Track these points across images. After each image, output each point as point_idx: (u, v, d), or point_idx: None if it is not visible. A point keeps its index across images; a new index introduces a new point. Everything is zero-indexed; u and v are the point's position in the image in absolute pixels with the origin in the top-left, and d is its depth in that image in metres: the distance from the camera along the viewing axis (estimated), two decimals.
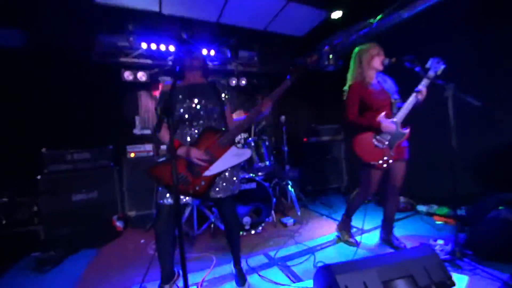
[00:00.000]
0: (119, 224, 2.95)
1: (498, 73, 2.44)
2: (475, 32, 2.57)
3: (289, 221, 2.85)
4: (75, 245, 2.48)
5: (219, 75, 4.36)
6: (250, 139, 2.87)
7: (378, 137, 1.98)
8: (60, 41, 3.06)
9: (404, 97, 2.01)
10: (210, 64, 3.94)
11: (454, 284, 1.29)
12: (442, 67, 1.87)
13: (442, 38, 2.84)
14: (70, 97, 3.46)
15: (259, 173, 3.01)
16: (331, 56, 3.56)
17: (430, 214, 2.83)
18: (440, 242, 2.06)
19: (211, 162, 1.46)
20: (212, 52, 3.80)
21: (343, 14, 3.05)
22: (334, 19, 3.13)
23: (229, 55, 3.87)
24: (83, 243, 2.54)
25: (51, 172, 2.86)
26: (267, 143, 2.92)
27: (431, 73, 1.88)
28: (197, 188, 1.46)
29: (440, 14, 2.59)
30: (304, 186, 4.02)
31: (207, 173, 1.45)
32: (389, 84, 2.10)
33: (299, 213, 3.05)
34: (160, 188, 1.51)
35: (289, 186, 3.24)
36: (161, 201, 1.49)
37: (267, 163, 2.79)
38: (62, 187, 2.86)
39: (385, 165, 1.97)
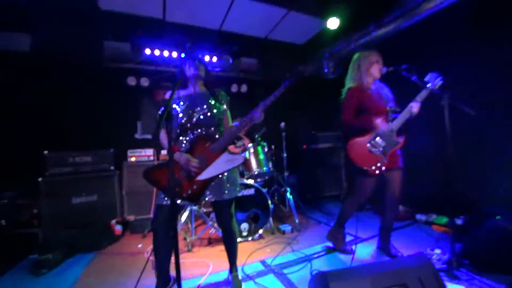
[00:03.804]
0: (117, 228, 2.96)
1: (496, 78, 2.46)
2: (473, 40, 2.60)
3: (287, 228, 2.85)
4: (72, 249, 2.49)
5: (220, 82, 4.42)
6: (249, 145, 2.89)
7: (373, 141, 1.97)
8: (65, 45, 3.12)
9: (400, 106, 2.03)
10: (212, 72, 4.03)
11: None
12: (440, 82, 1.90)
13: (440, 47, 2.88)
14: (73, 100, 3.52)
15: (258, 179, 3.02)
16: (330, 64, 3.61)
17: (429, 223, 2.82)
18: (438, 251, 2.05)
19: (203, 167, 1.52)
20: (214, 59, 3.88)
21: (341, 23, 3.09)
22: (333, 29, 3.18)
23: (230, 61, 3.93)
24: (81, 246, 2.55)
25: (53, 175, 2.89)
26: (266, 149, 2.94)
27: (429, 87, 1.91)
28: (189, 192, 1.52)
29: (438, 23, 2.63)
30: (303, 193, 4.02)
31: (200, 177, 1.51)
32: (385, 92, 2.12)
33: (297, 220, 3.04)
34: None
35: (288, 193, 3.24)
36: (160, 202, 1.55)
37: (266, 169, 2.79)
38: (62, 190, 2.88)
39: (377, 172, 1.96)
